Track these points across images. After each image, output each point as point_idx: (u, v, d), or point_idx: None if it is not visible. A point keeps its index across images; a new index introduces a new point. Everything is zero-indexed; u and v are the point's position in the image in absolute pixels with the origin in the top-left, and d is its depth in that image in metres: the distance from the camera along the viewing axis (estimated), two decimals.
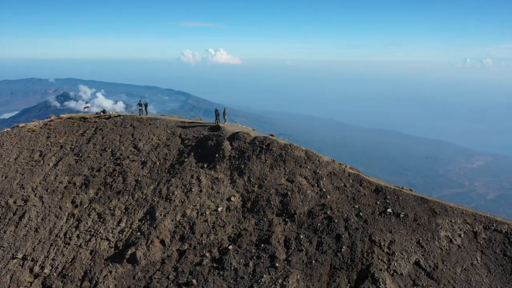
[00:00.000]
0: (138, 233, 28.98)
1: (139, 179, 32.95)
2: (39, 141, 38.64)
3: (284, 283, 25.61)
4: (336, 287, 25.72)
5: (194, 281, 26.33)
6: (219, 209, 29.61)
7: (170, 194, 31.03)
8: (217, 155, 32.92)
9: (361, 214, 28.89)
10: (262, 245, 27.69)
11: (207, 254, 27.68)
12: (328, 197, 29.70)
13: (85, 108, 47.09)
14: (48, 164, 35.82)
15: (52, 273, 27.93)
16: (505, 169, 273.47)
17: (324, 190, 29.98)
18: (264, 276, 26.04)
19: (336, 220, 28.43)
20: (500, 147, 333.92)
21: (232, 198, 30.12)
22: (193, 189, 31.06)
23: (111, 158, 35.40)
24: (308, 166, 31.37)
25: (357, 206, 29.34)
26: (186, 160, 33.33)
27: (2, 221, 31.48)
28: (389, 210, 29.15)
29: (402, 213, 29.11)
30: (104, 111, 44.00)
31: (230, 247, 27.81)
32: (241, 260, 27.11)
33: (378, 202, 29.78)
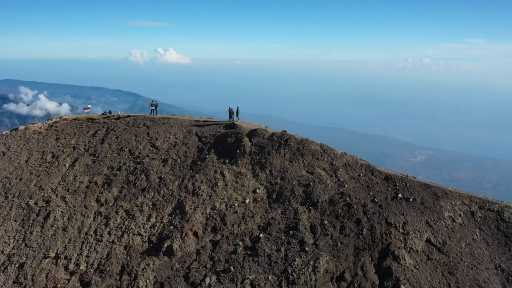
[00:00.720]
0: (171, 227, 30.22)
1: (162, 176, 34.02)
2: (49, 143, 38.36)
3: (316, 264, 28.04)
4: (361, 266, 28.53)
5: (231, 268, 28.08)
6: (247, 201, 31.53)
7: (197, 189, 32.47)
8: (238, 151, 34.75)
9: (376, 200, 31.99)
10: (291, 232, 29.96)
11: (240, 243, 29.51)
12: (346, 186, 32.56)
13: (85, 109, 46.82)
14: (64, 165, 35.81)
15: (88, 269, 28.50)
16: (445, 162, 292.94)
17: (341, 179, 32.80)
18: (296, 259, 28.29)
19: (355, 206, 31.31)
20: (440, 141, 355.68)
21: (257, 190, 32.14)
22: (218, 184, 32.72)
23: (130, 157, 36.07)
24: (325, 159, 34.10)
25: (371, 193, 32.42)
26: (207, 156, 34.85)
27: (26, 223, 31.35)
28: (400, 195, 32.50)
29: (410, 197, 32.57)
30: (110, 112, 44.18)
31: (261, 235, 29.82)
32: (273, 247, 29.21)
33: (389, 189, 33.05)
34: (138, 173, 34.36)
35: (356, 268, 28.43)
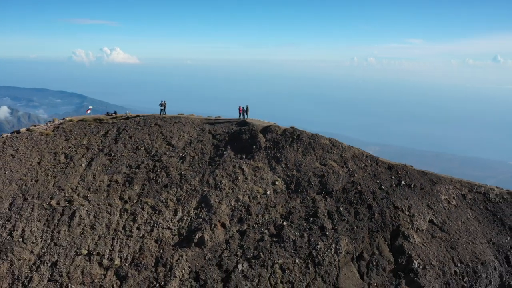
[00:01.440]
0: (200, 219, 31.72)
1: (183, 172, 35.29)
2: (59, 144, 38.23)
3: (337, 247, 30.78)
4: (377, 246, 31.65)
5: (261, 254, 30.14)
6: (268, 192, 33.69)
7: (219, 183, 34.14)
8: (254, 146, 36.75)
9: (382, 187, 35.30)
10: (311, 219, 32.51)
11: (266, 231, 31.63)
12: (356, 175, 35.62)
13: (87, 111, 46.57)
14: (81, 165, 36.00)
15: (123, 263, 29.37)
16: (390, 157, 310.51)
17: (351, 170, 35.83)
18: (319, 243, 30.88)
19: (365, 193, 34.41)
20: (386, 137, 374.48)
21: (276, 182, 34.39)
22: (239, 178, 34.58)
23: (147, 155, 36.90)
24: (334, 151, 37.00)
25: (378, 181, 35.70)
26: (225, 152, 36.53)
27: (51, 223, 31.49)
28: (403, 182, 36.06)
29: (412, 184, 36.22)
30: (115, 112, 44.40)
31: (284, 223, 32.12)
32: (296, 233, 31.61)
33: (392, 177, 36.52)
34: (158, 170, 35.42)
35: (372, 248, 31.51)
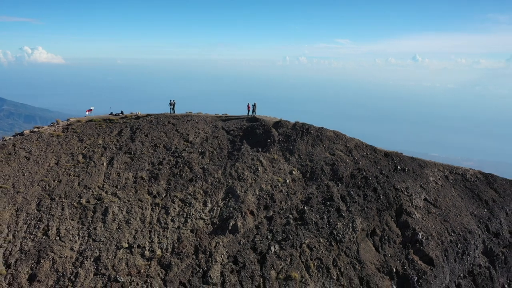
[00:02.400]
0: (230, 209, 34.08)
1: (205, 167, 37.24)
2: (74, 144, 38.22)
3: (354, 225, 34.80)
4: (386, 222, 36.15)
5: (289, 236, 33.28)
6: (287, 181, 36.85)
7: (241, 175, 36.64)
8: (268, 140, 39.61)
9: (383, 172, 39.97)
10: (328, 202, 36.23)
11: (290, 216, 34.81)
12: (360, 163, 39.94)
13: (88, 111, 46.19)
14: (102, 164, 36.48)
15: (164, 253, 30.95)
16: None
17: (356, 158, 40.09)
18: (338, 224, 34.70)
19: (370, 178, 38.82)
20: None
21: (293, 172, 37.66)
22: (259, 169, 37.33)
23: (167, 152, 38.22)
24: (339, 142, 41.07)
25: (379, 167, 40.33)
26: (242, 147, 38.97)
27: (84, 220, 31.99)
28: (398, 167, 41.04)
29: (405, 168, 41.34)
30: (122, 112, 44.70)
31: (305, 207, 35.51)
32: (317, 216, 35.14)
33: (389, 163, 41.37)
34: (181, 166, 37.07)
35: (382, 225, 35.95)
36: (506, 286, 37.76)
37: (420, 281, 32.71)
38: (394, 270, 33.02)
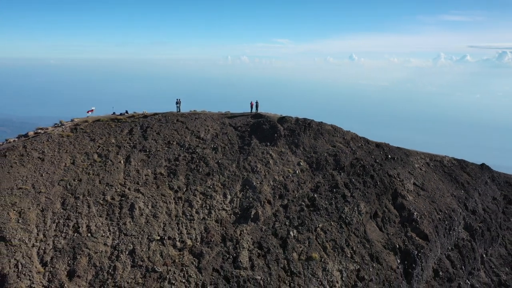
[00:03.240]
0: (249, 199, 36.46)
1: (219, 161, 39.17)
2: (86, 144, 38.39)
3: (359, 209, 38.64)
4: (385, 205, 40.39)
5: (305, 221, 36.36)
6: (297, 171, 39.87)
7: (254, 168, 39.06)
8: (275, 135, 42.27)
9: (377, 161, 44.26)
10: (334, 189, 39.76)
11: (303, 203, 37.90)
12: (357, 153, 43.92)
13: (88, 112, 45.86)
14: (120, 162, 37.11)
15: (194, 243, 32.73)
16: None
17: (353, 149, 44.02)
18: (345, 208, 38.35)
19: (367, 167, 42.91)
20: None
21: (301, 163, 40.75)
22: (270, 162, 39.97)
23: (181, 149, 39.55)
24: (338, 135, 44.77)
25: (373, 156, 44.57)
26: (252, 142, 41.30)
27: (112, 216, 32.76)
28: (389, 156, 45.59)
29: (395, 157, 46.00)
30: (127, 112, 45.01)
31: (315, 195, 38.77)
32: (326, 202, 38.54)
33: (381, 152, 45.80)
34: (197, 161, 38.76)
35: (382, 207, 40.13)
36: (484, 255, 43.61)
37: (419, 254, 37.20)
38: (397, 246, 37.24)
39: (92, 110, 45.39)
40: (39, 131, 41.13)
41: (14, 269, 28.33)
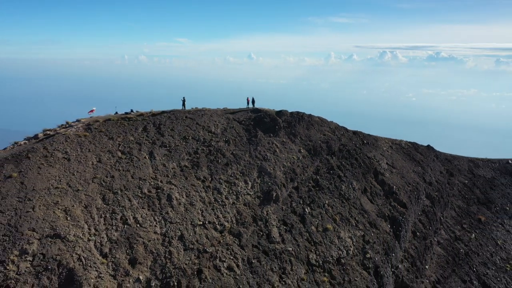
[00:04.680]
0: (268, 183, 41.11)
1: (234, 152, 42.88)
2: (106, 143, 39.03)
3: (353, 186, 45.76)
4: (370, 182, 48.14)
5: (314, 199, 42.27)
6: (299, 158, 45.49)
7: (265, 156, 43.64)
8: (276, 127, 47.09)
9: (357, 146, 51.92)
10: (331, 171, 46.29)
11: (309, 184, 43.74)
12: (342, 140, 51.04)
13: (89, 112, 45.33)
14: (145, 158, 38.68)
15: (231, 225, 36.51)
16: None
17: (338, 136, 51.04)
18: (343, 186, 45.18)
19: (351, 151, 50.27)
20: None
21: (301, 150, 46.45)
22: (276, 150, 44.89)
23: (198, 143, 42.20)
24: (325, 125, 51.33)
25: (353, 142, 52.12)
26: (258, 134, 45.62)
27: (153, 207, 34.80)
28: (365, 141, 53.59)
29: (369, 142, 54.21)
30: (132, 111, 45.58)
31: (318, 177, 44.87)
32: (327, 182, 44.91)
33: (358, 139, 53.62)
34: (214, 153, 42.07)
35: (369, 184, 47.78)
36: (441, 217, 54.01)
37: (403, 219, 45.51)
38: (386, 214, 45.12)
39: (93, 111, 45.72)
40: (48, 132, 40.72)
41: (79, 262, 29.55)
